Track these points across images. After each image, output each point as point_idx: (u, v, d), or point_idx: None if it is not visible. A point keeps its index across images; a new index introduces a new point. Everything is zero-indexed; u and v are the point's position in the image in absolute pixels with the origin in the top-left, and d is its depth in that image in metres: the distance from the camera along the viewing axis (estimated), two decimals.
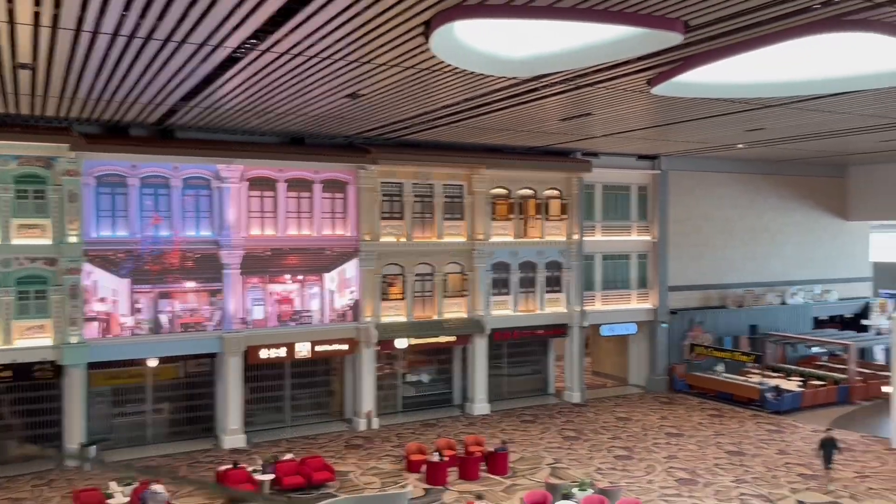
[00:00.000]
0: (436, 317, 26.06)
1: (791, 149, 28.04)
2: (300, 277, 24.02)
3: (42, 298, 20.52)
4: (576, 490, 16.88)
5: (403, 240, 25.41)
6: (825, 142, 25.95)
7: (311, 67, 14.27)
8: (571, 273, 28.41)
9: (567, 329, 28.47)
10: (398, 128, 21.96)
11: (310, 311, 24.16)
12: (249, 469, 18.68)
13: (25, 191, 20.29)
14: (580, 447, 22.47)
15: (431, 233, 26.03)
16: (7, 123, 19.73)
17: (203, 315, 22.62)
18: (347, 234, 24.63)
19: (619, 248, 30.14)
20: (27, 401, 21.20)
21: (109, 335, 21.44)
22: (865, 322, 35.31)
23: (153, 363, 22.31)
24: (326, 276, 24.37)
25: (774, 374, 29.73)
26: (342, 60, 13.70)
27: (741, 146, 27.13)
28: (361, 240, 24.57)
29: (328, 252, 24.39)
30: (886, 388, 24.50)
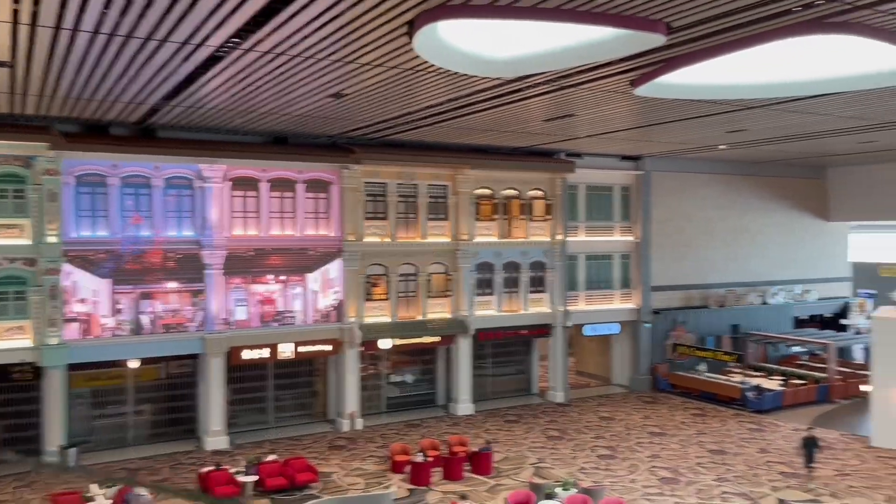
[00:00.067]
0: (420, 317, 26.03)
1: (772, 150, 28.31)
2: (283, 278, 23.90)
3: (21, 299, 20.28)
4: (559, 490, 16.91)
5: (387, 240, 25.38)
6: (805, 143, 26.23)
7: (295, 67, 14.22)
8: (555, 273, 28.49)
9: (551, 329, 28.55)
10: (382, 128, 21.93)
11: (293, 312, 24.05)
12: (232, 471, 18.55)
13: (4, 190, 20.05)
14: (564, 447, 22.54)
15: (415, 233, 26.00)
16: None
17: (185, 316, 22.45)
18: (331, 235, 24.55)
19: (603, 249, 30.28)
20: (6, 403, 20.95)
21: (90, 336, 21.22)
22: (845, 321, 35.76)
23: (134, 364, 22.11)
24: (310, 277, 24.28)
25: (756, 374, 29.97)
26: (326, 60, 13.67)
27: (723, 147, 27.34)
28: (345, 240, 24.51)
29: (311, 252, 24.29)
30: (865, 387, 24.78)
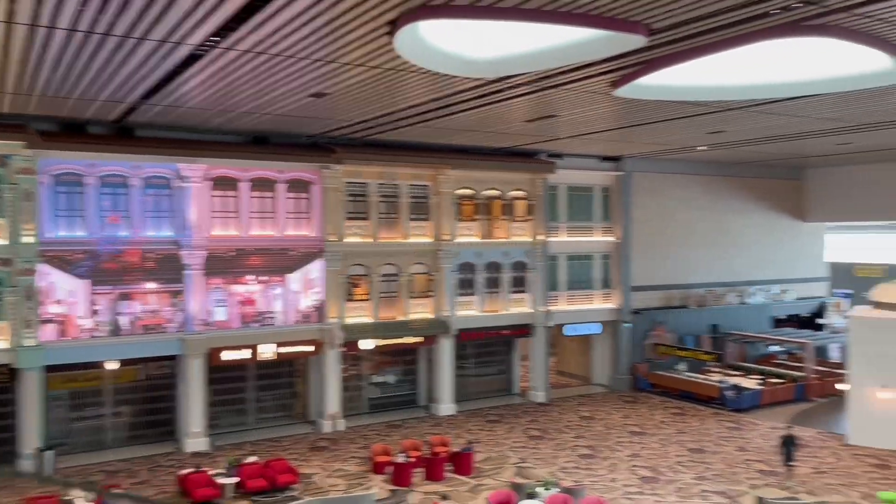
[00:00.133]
0: (401, 317, 25.99)
1: (751, 151, 28.58)
2: (264, 278, 23.74)
3: None
4: (540, 489, 16.96)
5: (369, 240, 25.31)
6: (784, 144, 26.53)
7: (275, 66, 14.14)
8: (536, 273, 28.57)
9: (532, 329, 28.62)
10: (364, 127, 21.86)
11: (274, 313, 23.90)
12: (212, 472, 18.40)
13: None
14: (545, 446, 22.61)
15: (397, 233, 25.95)
16: None
17: (164, 316, 22.24)
18: (312, 235, 24.43)
19: (584, 249, 30.40)
20: None
21: (67, 337, 20.95)
22: (821, 321, 36.20)
23: (113, 366, 21.85)
24: (291, 277, 24.13)
25: (734, 373, 30.23)
26: (307, 59, 13.60)
27: (703, 148, 27.56)
28: (326, 240, 24.40)
29: (292, 252, 24.16)
30: (841, 386, 25.08)
